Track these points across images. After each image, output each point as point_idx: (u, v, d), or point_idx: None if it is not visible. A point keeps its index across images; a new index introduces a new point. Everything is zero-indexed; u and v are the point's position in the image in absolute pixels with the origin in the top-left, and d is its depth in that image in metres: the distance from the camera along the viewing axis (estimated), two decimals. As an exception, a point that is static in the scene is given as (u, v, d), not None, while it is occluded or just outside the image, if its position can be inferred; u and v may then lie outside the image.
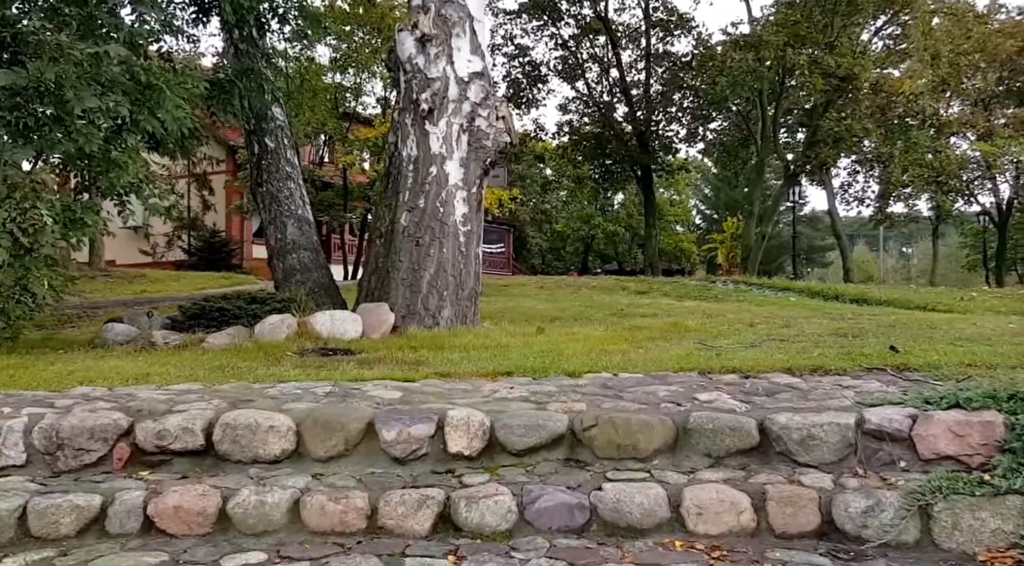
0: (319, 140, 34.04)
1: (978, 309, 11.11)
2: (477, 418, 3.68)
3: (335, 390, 4.36)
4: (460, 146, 7.41)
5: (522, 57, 24.10)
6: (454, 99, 7.39)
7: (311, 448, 3.64)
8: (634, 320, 8.62)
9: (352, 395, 4.24)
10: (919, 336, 5.88)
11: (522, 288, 13.99)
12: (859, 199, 29.31)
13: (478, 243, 7.65)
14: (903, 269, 78.81)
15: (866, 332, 6.30)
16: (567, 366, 5.12)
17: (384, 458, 3.62)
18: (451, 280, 7.31)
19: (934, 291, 13.08)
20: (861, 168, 29.41)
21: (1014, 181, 30.49)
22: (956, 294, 12.89)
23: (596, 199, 38.86)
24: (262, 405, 3.95)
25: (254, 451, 3.62)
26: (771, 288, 13.57)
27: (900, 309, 11.16)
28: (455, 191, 7.37)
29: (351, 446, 3.64)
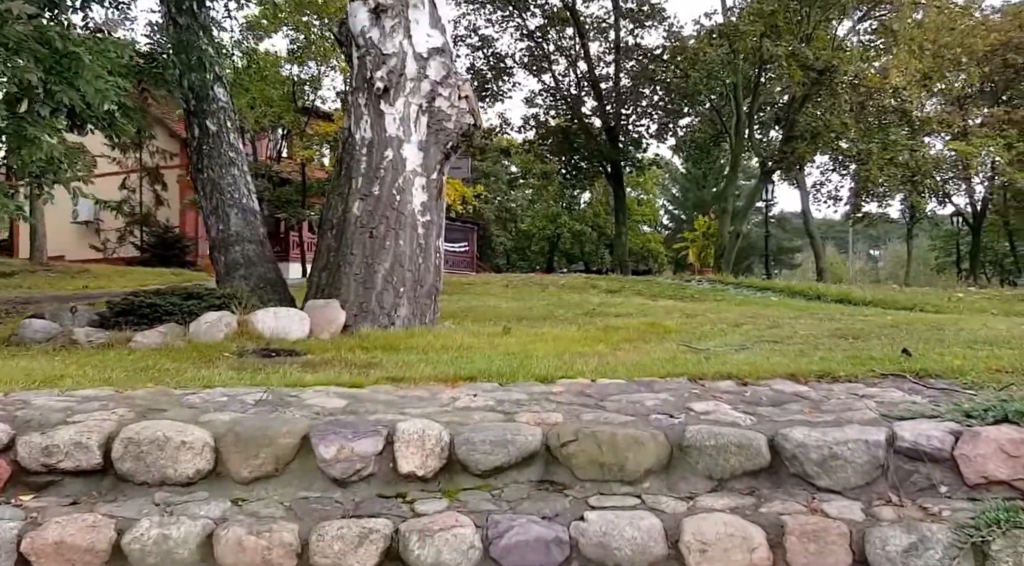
0: (277, 134, 33.16)
1: (967, 310, 10.86)
2: (434, 431, 3.15)
3: (268, 397, 3.79)
4: (419, 128, 6.86)
5: (486, 48, 23.58)
6: (412, 77, 6.84)
7: (232, 468, 3.08)
8: (608, 319, 8.14)
9: (287, 403, 3.68)
10: (927, 338, 5.47)
11: (486, 286, 13.46)
12: (834, 197, 29.30)
13: (439, 235, 7.10)
14: (871, 271, 79.90)
15: (866, 333, 5.89)
16: (538, 370, 4.60)
17: (321, 479, 3.08)
18: (408, 275, 6.75)
19: (919, 292, 12.85)
20: (835, 166, 29.43)
21: (989, 182, 30.73)
22: (942, 295, 12.67)
23: (562, 197, 38.49)
24: (177, 415, 3.38)
25: (162, 471, 3.05)
26: (749, 288, 13.22)
27: (887, 310, 10.85)
28: (413, 177, 6.82)
29: (281, 465, 3.09)
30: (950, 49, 18.95)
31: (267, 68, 28.62)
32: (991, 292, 13.68)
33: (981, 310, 10.84)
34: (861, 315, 8.60)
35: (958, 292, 13.06)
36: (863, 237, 73.26)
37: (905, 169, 24.02)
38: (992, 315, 10.53)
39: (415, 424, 3.19)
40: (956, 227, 40.04)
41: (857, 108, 19.77)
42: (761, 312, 8.96)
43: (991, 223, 37.07)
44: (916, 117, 20.77)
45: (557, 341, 6.44)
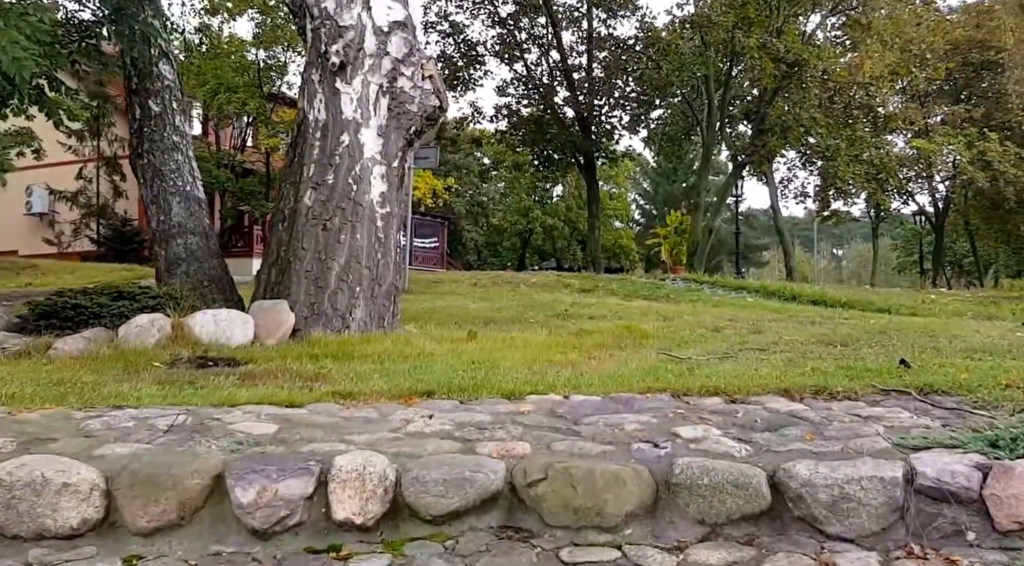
0: (242, 122, 32.19)
1: (942, 312, 10.58)
2: (377, 468, 2.62)
3: (185, 421, 3.22)
4: (379, 110, 6.28)
5: (457, 35, 22.92)
6: (371, 53, 6.26)
7: (128, 516, 2.52)
8: (581, 322, 7.65)
9: (207, 430, 3.11)
10: (922, 346, 5.06)
11: (454, 285, 12.91)
12: (803, 194, 29.15)
13: (399, 229, 6.54)
14: (835, 269, 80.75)
15: (854, 340, 5.46)
16: (505, 384, 4.09)
17: (237, 530, 2.54)
18: (365, 273, 6.18)
19: (892, 293, 12.57)
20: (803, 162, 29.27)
21: (951, 181, 30.80)
22: (914, 297, 12.40)
23: (535, 191, 37.96)
24: (66, 447, 2.81)
25: (39, 522, 2.49)
26: (724, 287, 12.83)
27: (864, 311, 10.52)
28: (372, 165, 6.25)
29: (188, 513, 2.54)
30: (915, 44, 18.76)
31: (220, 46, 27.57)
32: (963, 294, 13.46)
33: (956, 313, 10.55)
34: (841, 318, 8.22)
35: (931, 294, 12.80)
36: (827, 236, 73.94)
37: (870, 166, 23.88)
38: (968, 318, 10.25)
39: (355, 458, 2.65)
40: (919, 226, 40.24)
41: (826, 103, 19.52)
42: (739, 314, 8.53)
43: (952, 223, 37.24)
44: (881, 113, 20.57)
45: (527, 347, 5.93)
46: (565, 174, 25.96)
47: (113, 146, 26.24)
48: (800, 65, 17.41)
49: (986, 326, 6.66)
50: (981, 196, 29.91)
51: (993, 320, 9.27)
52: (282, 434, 3.07)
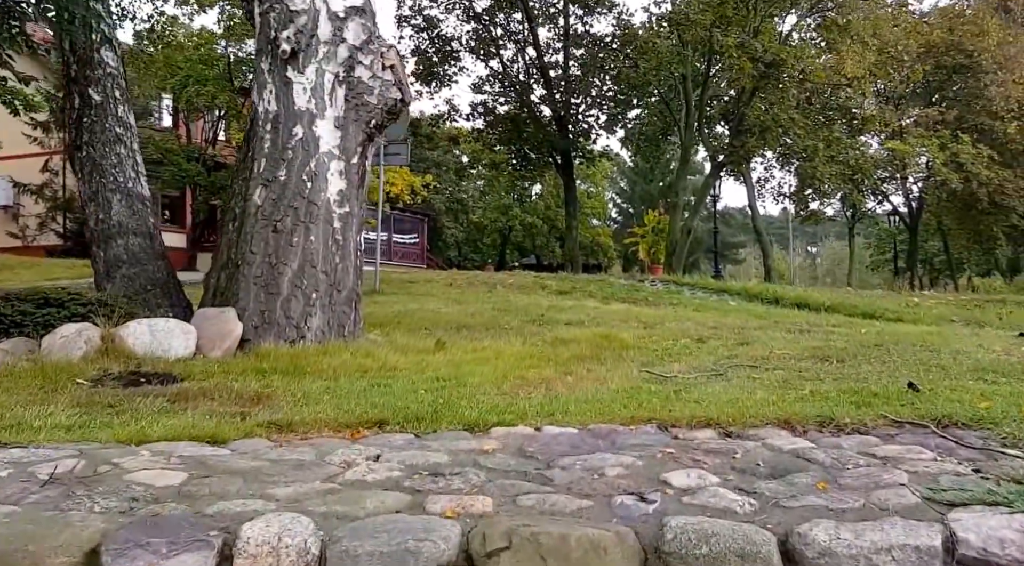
0: (213, 115, 31.37)
1: (927, 317, 10.18)
2: (296, 539, 2.08)
3: (72, 470, 2.63)
4: (335, 102, 5.70)
5: (431, 30, 22.26)
6: (326, 40, 5.68)
7: (-29, 610, 1.94)
8: (557, 329, 7.12)
9: (97, 481, 2.54)
10: (924, 363, 4.59)
11: (428, 286, 12.32)
12: (782, 194, 28.85)
13: (359, 230, 5.97)
14: (810, 267, 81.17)
15: (851, 355, 4.98)
16: (469, 412, 3.55)
17: (115, 624, 1.96)
18: (322, 278, 5.61)
19: (875, 296, 12.19)
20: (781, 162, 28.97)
21: (924, 182, 30.71)
22: (898, 300, 12.02)
23: (514, 189, 37.42)
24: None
25: None
26: (704, 290, 12.36)
27: (850, 317, 10.10)
28: (328, 161, 5.67)
29: (51, 604, 1.96)
30: (891, 46, 18.43)
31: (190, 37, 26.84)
32: (945, 297, 13.12)
33: (942, 318, 10.17)
34: (828, 325, 7.76)
35: (913, 297, 12.44)
36: (801, 234, 74.30)
37: (845, 167, 23.62)
38: (958, 324, 9.86)
39: (269, 527, 2.10)
40: (893, 227, 40.24)
41: (803, 103, 19.16)
42: (722, 321, 8.05)
43: (925, 223, 37.29)
44: (859, 115, 20.26)
45: (498, 359, 5.39)
46: (542, 173, 25.43)
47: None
48: (778, 65, 16.99)
49: (984, 337, 6.21)
50: (954, 197, 29.83)
51: (984, 327, 8.90)
52: (190, 486, 2.51)
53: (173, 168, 26.60)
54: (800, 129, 18.37)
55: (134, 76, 21.84)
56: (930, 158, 26.79)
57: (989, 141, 27.15)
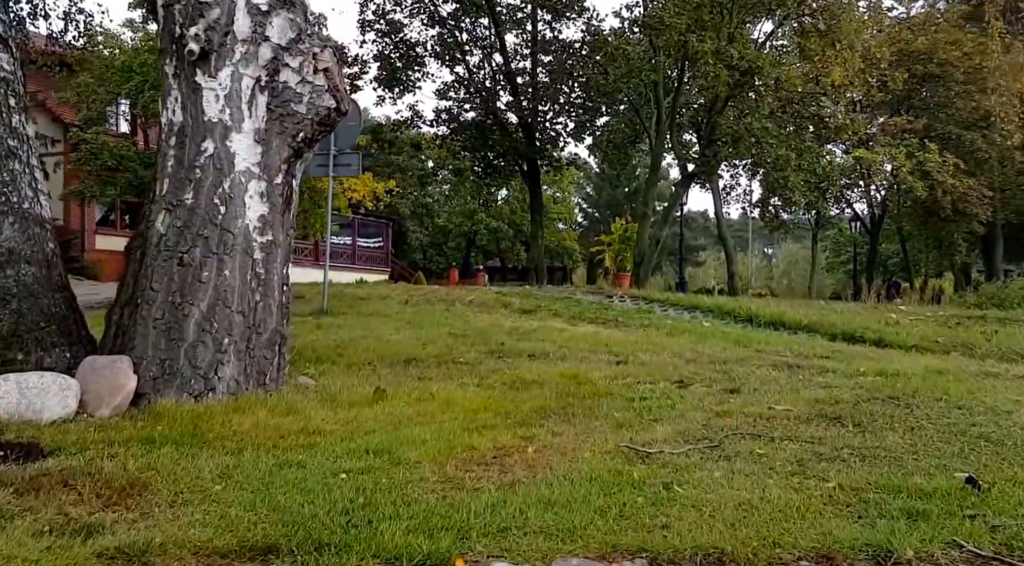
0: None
1: (910, 336, 9.46)
2: None
3: None
4: (255, 112, 4.73)
5: (394, 34, 21.18)
6: (245, 38, 4.71)
7: None
8: (519, 365, 6.21)
9: None
10: (961, 432, 3.79)
11: (383, 303, 11.33)
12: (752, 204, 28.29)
13: (286, 260, 4.99)
14: (766, 268, 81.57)
15: (867, 416, 4.16)
16: (392, 530, 2.60)
17: None
18: (237, 320, 4.63)
19: (856, 313, 11.45)
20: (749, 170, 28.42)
21: (888, 190, 30.40)
22: (876, 317, 11.30)
23: (480, 194, 36.51)
24: None
25: None
26: (675, 307, 11.51)
27: (831, 342, 9.36)
28: (246, 181, 4.69)
29: None
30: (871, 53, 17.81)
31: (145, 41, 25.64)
32: (922, 312, 12.44)
33: (926, 338, 9.46)
34: (816, 355, 6.96)
35: (891, 312, 11.74)
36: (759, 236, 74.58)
37: (812, 175, 23.07)
38: (939, 343, 9.16)
39: None
40: (854, 232, 40.09)
41: (777, 112, 18.47)
42: (700, 349, 7.20)
43: (885, 228, 37.14)
44: (831, 124, 19.66)
45: (447, 413, 4.48)
46: (508, 181, 24.55)
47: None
48: (753, 73, 16.24)
49: (1002, 382, 5.41)
50: (917, 204, 29.54)
51: (973, 350, 8.20)
52: None
53: (129, 175, 25.38)
54: (773, 138, 17.66)
55: (91, 81, 20.58)
56: (896, 166, 26.40)
57: (954, 149, 26.85)
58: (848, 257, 52.02)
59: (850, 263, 53.00)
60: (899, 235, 38.53)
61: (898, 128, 27.87)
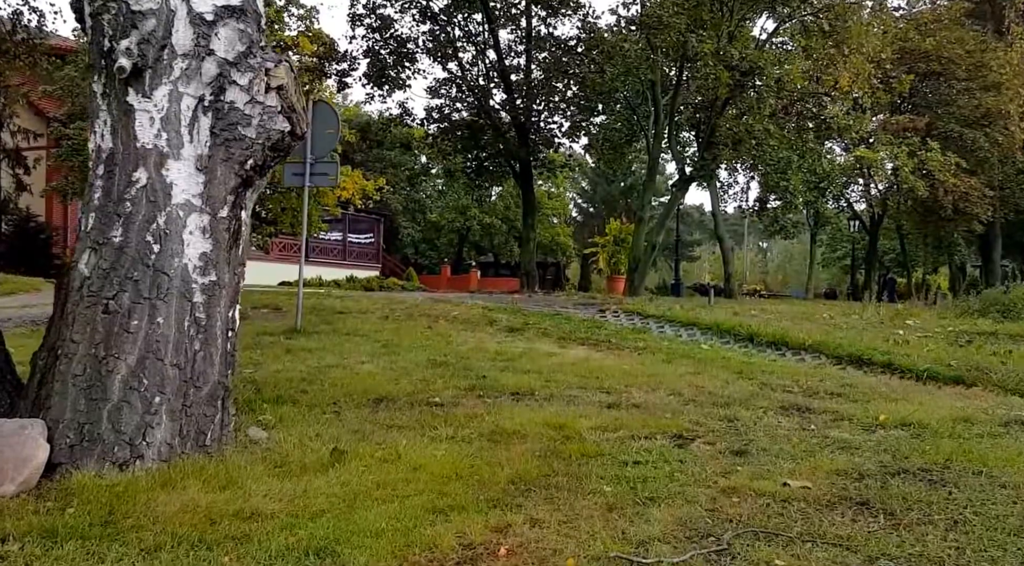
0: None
1: (921, 359, 8.88)
2: None
3: None
4: (197, 136, 4.14)
5: (385, 31, 20.50)
6: (186, 52, 4.10)
7: None
8: (500, 409, 5.63)
9: None
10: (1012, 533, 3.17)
11: (361, 319, 10.72)
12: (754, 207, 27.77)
13: (233, 302, 4.39)
14: (761, 262, 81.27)
15: (899, 499, 3.58)
16: None
17: None
18: (172, 374, 4.05)
19: (858, 331, 10.88)
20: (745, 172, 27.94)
21: (889, 189, 29.90)
22: (882, 334, 10.73)
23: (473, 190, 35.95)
24: None
25: None
26: (672, 323, 10.93)
27: (838, 364, 8.84)
28: (185, 215, 4.10)
29: None
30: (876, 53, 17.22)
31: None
32: (929, 325, 11.89)
33: (937, 360, 8.89)
34: (826, 392, 6.41)
35: (897, 330, 11.17)
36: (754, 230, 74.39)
37: (812, 175, 22.54)
38: (952, 366, 8.60)
39: None
40: (853, 231, 39.62)
41: (779, 113, 17.88)
42: (699, 381, 6.64)
43: (885, 227, 36.73)
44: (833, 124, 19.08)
45: (411, 483, 3.93)
46: (500, 182, 23.92)
47: (16, 138, 23.49)
48: (755, 73, 15.63)
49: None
50: (917, 203, 29.05)
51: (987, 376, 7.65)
52: None
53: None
54: (774, 140, 17.06)
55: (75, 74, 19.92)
56: (898, 166, 25.89)
57: (955, 147, 26.36)
58: (844, 252, 51.67)
59: (846, 258, 52.66)
60: (898, 233, 38.11)
61: (900, 126, 27.34)
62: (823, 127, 18.92)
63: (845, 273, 60.30)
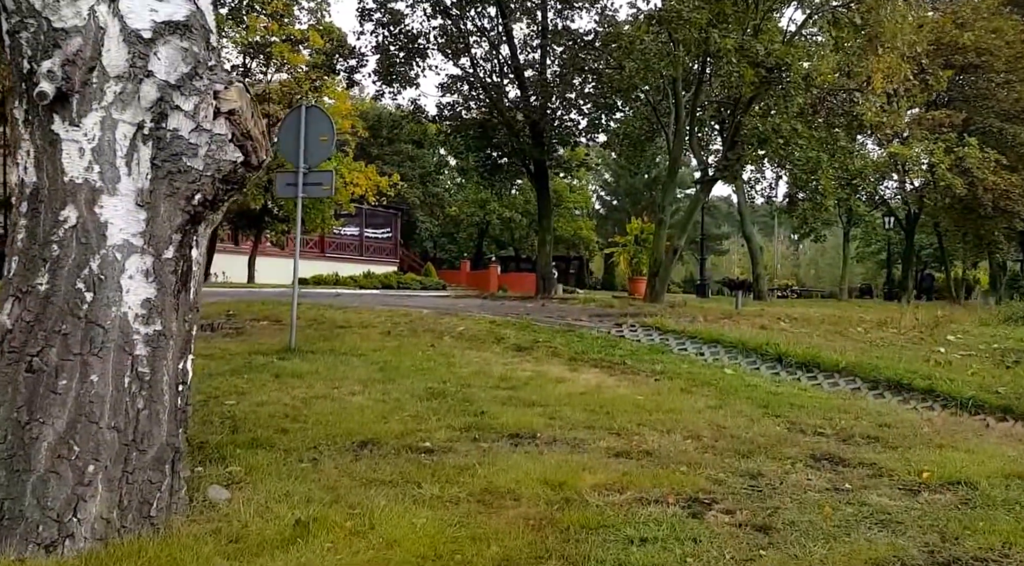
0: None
1: (965, 385, 8.25)
2: None
3: None
4: (135, 168, 3.69)
5: (394, 26, 20.01)
6: (120, 74, 3.65)
7: None
8: (496, 457, 5.14)
9: None
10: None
11: (362, 335, 10.27)
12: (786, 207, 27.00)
13: (184, 352, 3.94)
14: (792, 255, 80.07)
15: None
16: None
17: None
18: (109, 438, 3.62)
19: (900, 348, 10.24)
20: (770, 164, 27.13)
21: (927, 186, 28.97)
22: (922, 353, 10.08)
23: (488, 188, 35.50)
24: None
25: None
26: (693, 340, 10.35)
27: (869, 385, 8.25)
28: (123, 258, 3.66)
29: None
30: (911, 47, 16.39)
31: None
32: (972, 340, 11.20)
33: (983, 386, 8.27)
34: (863, 436, 5.84)
35: (938, 346, 10.51)
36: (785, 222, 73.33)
37: (843, 171, 21.75)
38: (999, 394, 7.96)
39: None
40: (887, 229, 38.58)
41: (808, 111, 17.15)
42: (720, 420, 6.11)
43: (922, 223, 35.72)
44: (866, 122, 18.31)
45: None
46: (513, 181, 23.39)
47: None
48: (781, 68, 14.91)
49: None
50: (956, 200, 28.09)
51: None
52: None
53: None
54: (803, 139, 16.33)
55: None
56: (934, 162, 25.00)
57: (995, 143, 25.41)
58: (879, 246, 50.51)
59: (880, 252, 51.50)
60: (935, 230, 37.05)
61: (936, 122, 26.42)
62: (854, 124, 18.17)
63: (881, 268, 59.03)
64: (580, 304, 15.55)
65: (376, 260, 43.74)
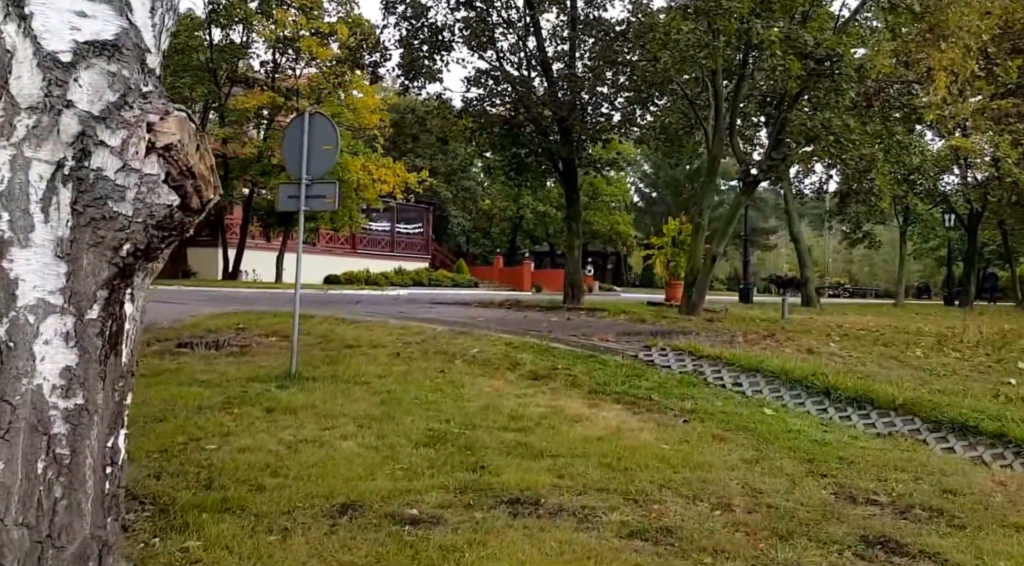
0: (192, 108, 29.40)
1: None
2: None
3: None
4: (53, 214, 3.22)
5: (416, 19, 19.53)
6: (32, 105, 3.18)
7: None
8: (488, 532, 4.61)
9: None
10: None
11: (370, 357, 9.82)
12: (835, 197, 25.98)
13: (115, 428, 3.46)
14: (845, 251, 78.25)
15: None
16: None
17: None
18: (17, 536, 3.17)
19: (964, 378, 9.47)
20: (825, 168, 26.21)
21: (992, 182, 27.72)
22: (989, 386, 9.31)
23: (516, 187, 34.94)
24: None
25: None
26: (730, 367, 9.68)
27: (930, 426, 7.56)
28: (38, 319, 3.21)
29: None
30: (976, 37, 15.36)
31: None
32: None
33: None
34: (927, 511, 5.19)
35: (1008, 377, 9.71)
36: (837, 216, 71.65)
37: (900, 166, 20.74)
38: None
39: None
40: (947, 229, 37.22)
41: (862, 105, 16.26)
42: (755, 481, 5.51)
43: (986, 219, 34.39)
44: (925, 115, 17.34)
45: None
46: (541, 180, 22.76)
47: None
48: (832, 60, 14.08)
49: None
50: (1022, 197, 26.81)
51: None
52: None
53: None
54: (856, 136, 15.47)
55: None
56: (999, 156, 23.82)
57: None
58: (938, 243, 48.88)
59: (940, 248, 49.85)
60: (1000, 228, 35.66)
61: (1002, 112, 25.20)
62: (912, 117, 17.22)
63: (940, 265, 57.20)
64: (609, 318, 14.94)
65: (407, 256, 43.56)
